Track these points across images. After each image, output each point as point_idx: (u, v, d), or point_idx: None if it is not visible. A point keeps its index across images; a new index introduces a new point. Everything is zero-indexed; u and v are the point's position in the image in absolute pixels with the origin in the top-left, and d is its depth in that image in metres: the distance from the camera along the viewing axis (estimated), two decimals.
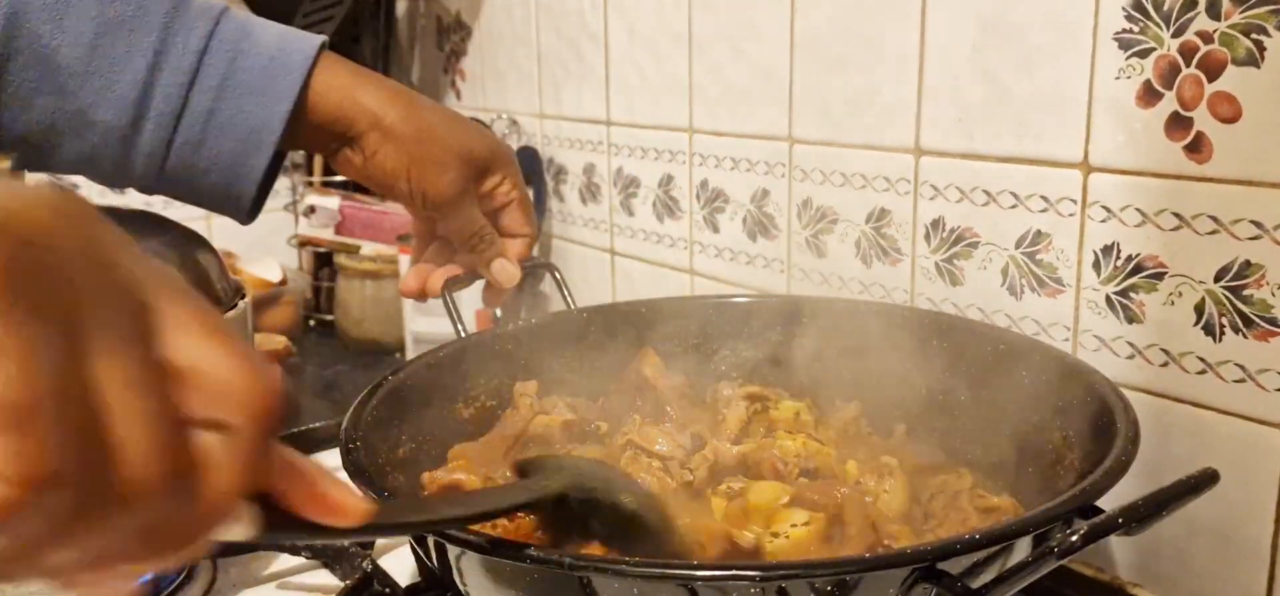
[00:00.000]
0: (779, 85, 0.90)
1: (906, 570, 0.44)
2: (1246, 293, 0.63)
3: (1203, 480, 0.48)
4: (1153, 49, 0.65)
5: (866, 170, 0.85)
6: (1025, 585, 0.45)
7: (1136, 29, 0.65)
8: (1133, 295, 0.69)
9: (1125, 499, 0.46)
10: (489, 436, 0.72)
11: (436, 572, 0.54)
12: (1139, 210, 0.67)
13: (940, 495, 0.63)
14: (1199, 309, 0.65)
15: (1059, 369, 0.65)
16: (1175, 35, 0.64)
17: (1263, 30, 0.59)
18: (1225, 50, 0.61)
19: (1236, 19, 0.60)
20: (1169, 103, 0.64)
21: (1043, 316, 0.74)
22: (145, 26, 0.61)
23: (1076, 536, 0.43)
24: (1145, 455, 0.53)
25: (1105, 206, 0.69)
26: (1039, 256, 0.73)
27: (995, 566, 0.46)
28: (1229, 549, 0.66)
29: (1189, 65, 0.63)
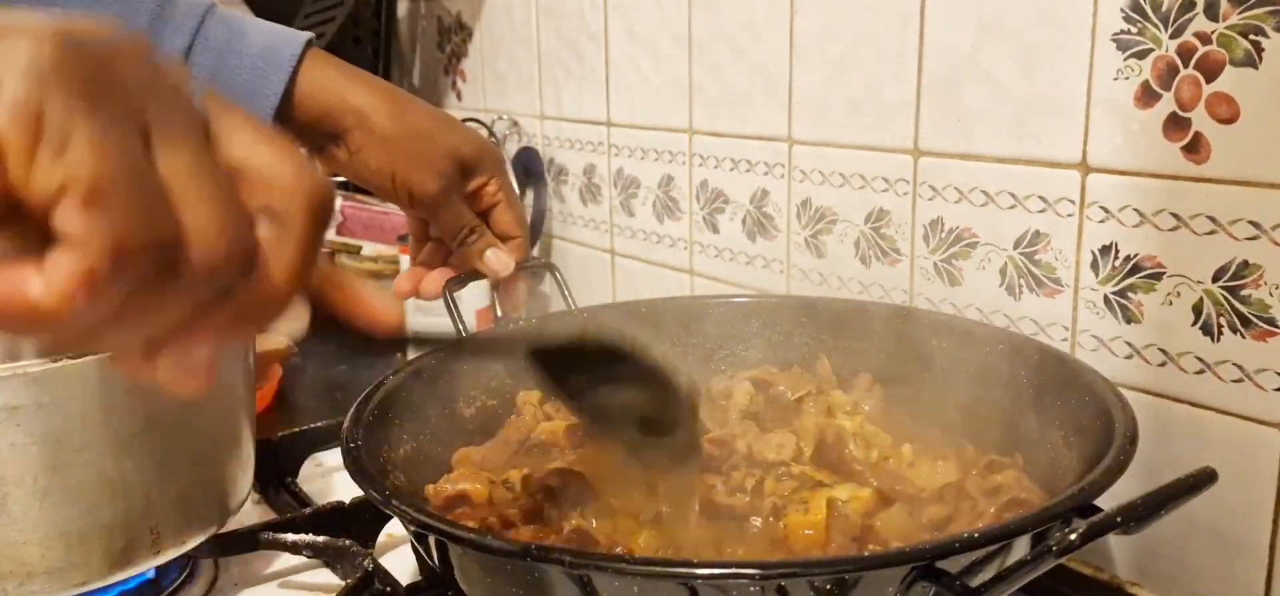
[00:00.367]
0: (778, 86, 0.90)
1: (905, 568, 0.44)
2: (1244, 293, 0.63)
3: (1201, 479, 0.48)
4: (1151, 50, 0.65)
5: (865, 170, 0.85)
6: (1024, 583, 0.45)
7: (1135, 30, 0.66)
8: (1131, 295, 0.69)
9: (1124, 498, 0.46)
10: (493, 442, 0.72)
11: (437, 571, 0.54)
12: (1137, 210, 0.67)
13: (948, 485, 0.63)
14: (1197, 309, 0.65)
15: (1058, 369, 0.65)
16: (1173, 36, 0.64)
17: (1260, 31, 0.60)
18: (1223, 51, 0.62)
19: (1234, 20, 0.61)
20: (1167, 103, 0.65)
21: (1041, 316, 0.74)
22: (131, 26, 0.61)
23: (1075, 535, 0.43)
24: (1143, 455, 0.53)
25: (1103, 207, 0.69)
26: (1037, 257, 0.74)
27: (994, 565, 0.46)
28: (1227, 548, 0.67)
29: (1187, 66, 0.63)
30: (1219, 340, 0.65)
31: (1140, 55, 0.66)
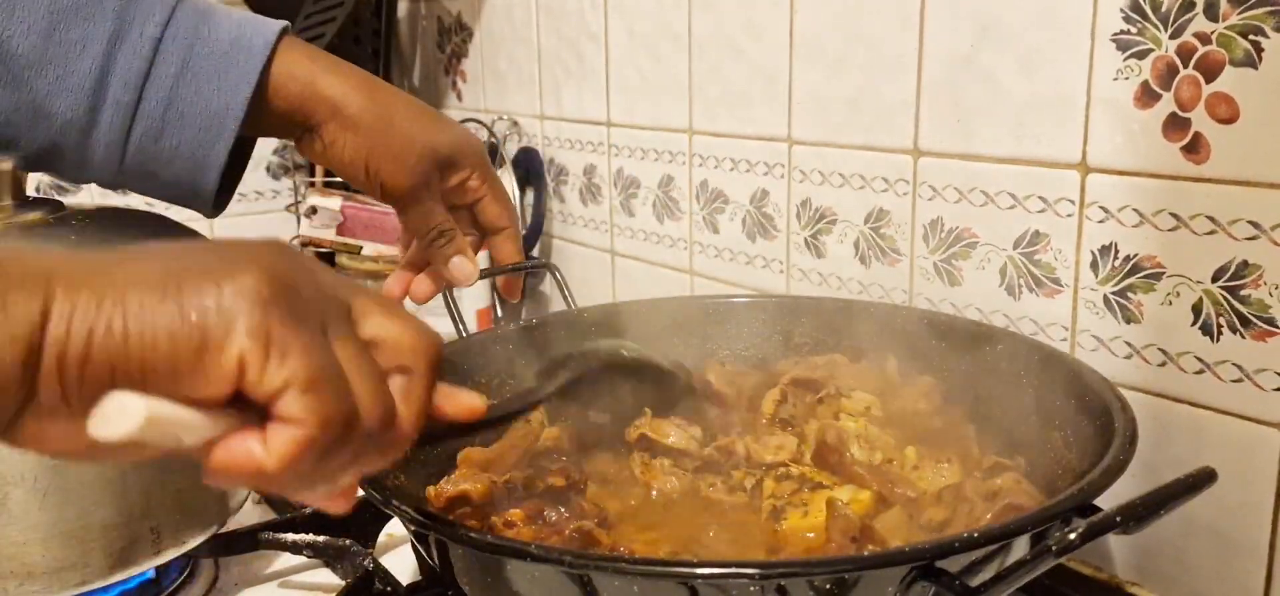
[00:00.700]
0: (778, 86, 0.91)
1: (905, 568, 0.44)
2: (1244, 293, 0.63)
3: (1200, 479, 0.48)
4: (1151, 50, 0.65)
5: (865, 171, 0.85)
6: (1024, 583, 0.45)
7: (1134, 30, 0.66)
8: (1131, 295, 0.69)
9: (1123, 498, 0.46)
10: (499, 445, 0.72)
11: (437, 571, 0.55)
12: (1137, 211, 0.67)
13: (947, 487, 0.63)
14: (1197, 309, 0.66)
15: (1057, 369, 0.65)
16: (1173, 36, 0.64)
17: (1260, 31, 0.60)
18: (1223, 51, 0.62)
19: (1234, 20, 0.61)
20: (1167, 103, 0.65)
21: (1041, 316, 0.74)
22: (100, 14, 0.59)
23: (1075, 534, 0.43)
24: (1143, 454, 0.54)
25: (1103, 207, 0.69)
26: (1037, 257, 0.74)
27: (994, 564, 0.47)
28: (1227, 547, 0.67)
29: (1187, 66, 0.63)
30: (1218, 340, 0.65)
31: (1140, 55, 0.66)
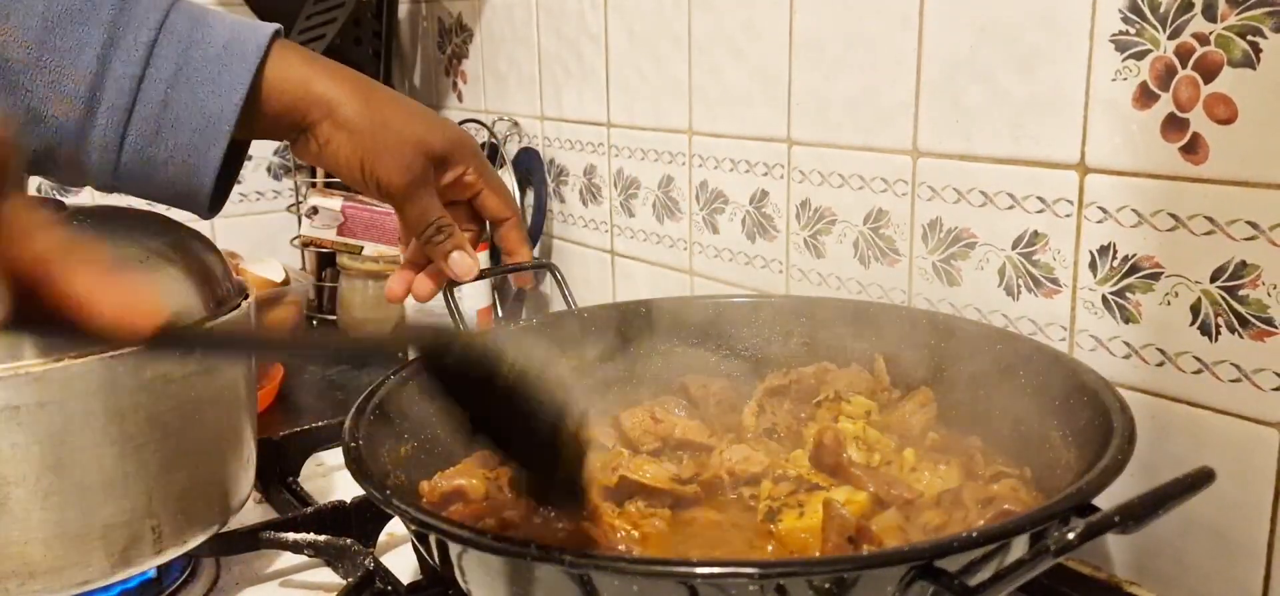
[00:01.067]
0: (778, 87, 0.91)
1: (904, 568, 0.44)
2: (1242, 293, 0.63)
3: (1199, 478, 0.48)
4: (1149, 51, 0.65)
5: (864, 171, 0.85)
6: (1023, 582, 0.45)
7: (1133, 31, 0.66)
8: (1129, 295, 0.69)
9: (1122, 497, 0.46)
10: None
11: (438, 570, 0.55)
12: (1135, 211, 0.68)
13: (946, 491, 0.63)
14: (1195, 309, 0.66)
15: (1056, 368, 0.66)
16: (1171, 37, 0.64)
17: (1258, 32, 0.60)
18: (1221, 52, 0.62)
19: (1233, 21, 0.61)
20: (1165, 104, 0.65)
21: (1039, 316, 0.75)
22: (94, 19, 0.59)
23: (1073, 534, 0.43)
24: (1142, 454, 0.54)
25: (1102, 207, 0.69)
26: (1036, 257, 0.74)
27: (993, 564, 0.47)
28: (1225, 547, 0.67)
29: (1185, 67, 0.64)
30: (1217, 340, 0.65)
31: (1138, 56, 0.66)
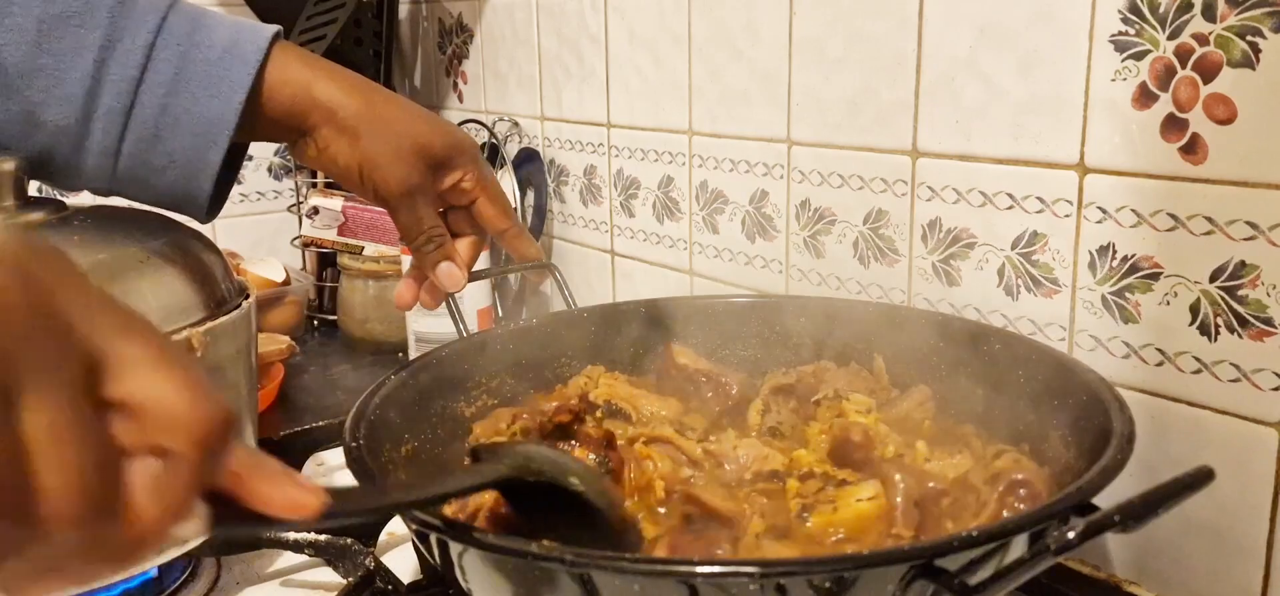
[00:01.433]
0: (777, 87, 0.91)
1: (904, 567, 0.45)
2: (1241, 293, 0.63)
3: (1198, 478, 0.48)
4: (1148, 51, 0.65)
5: (864, 171, 0.85)
6: (1023, 582, 0.45)
7: (1132, 31, 0.66)
8: (1128, 295, 0.69)
9: (1121, 497, 0.46)
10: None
11: (438, 570, 0.55)
12: (1135, 211, 0.68)
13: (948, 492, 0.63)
14: (1194, 309, 0.66)
15: (1055, 368, 0.66)
16: (1171, 37, 0.64)
17: (1258, 32, 0.60)
18: (1221, 52, 0.62)
19: (1232, 21, 0.61)
20: (1164, 104, 0.65)
21: (1039, 316, 0.75)
22: (91, 22, 0.59)
23: (1073, 533, 0.43)
24: (1141, 454, 0.54)
25: (1101, 207, 0.69)
26: (1035, 257, 0.74)
27: (992, 563, 0.47)
28: (1224, 546, 0.67)
29: (1185, 67, 0.64)
30: (1216, 340, 0.65)
31: (1138, 56, 0.66)
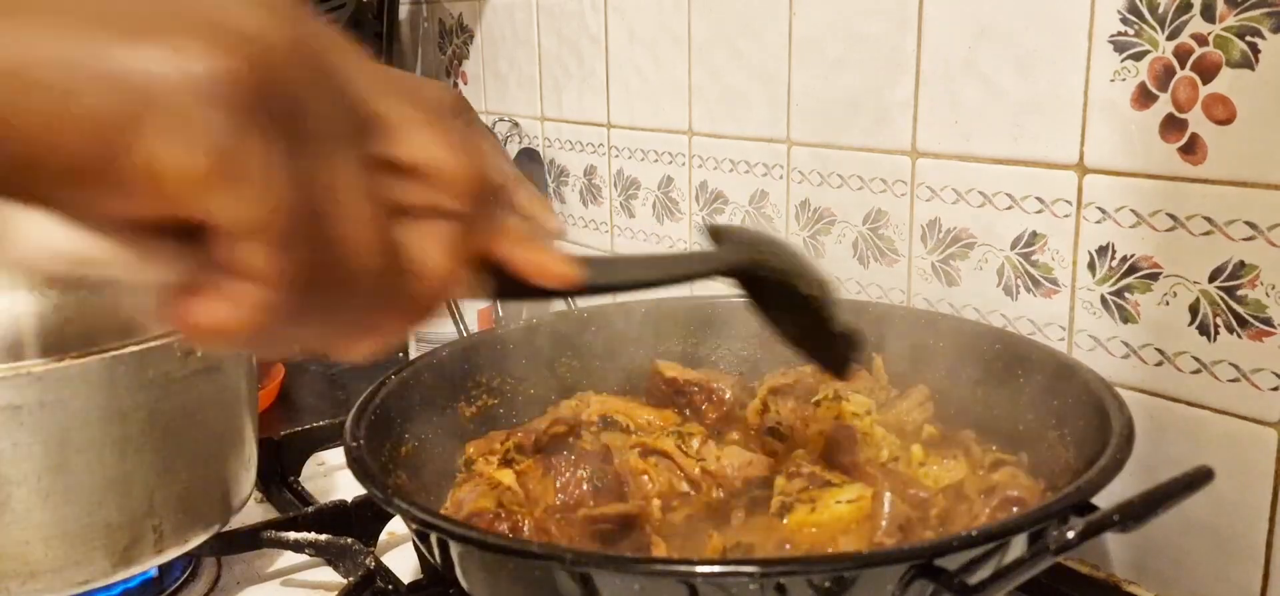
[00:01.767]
0: (777, 88, 0.91)
1: (904, 566, 0.45)
2: (1240, 293, 0.63)
3: (1198, 478, 0.48)
4: (1148, 51, 0.65)
5: (863, 172, 0.85)
6: (1022, 581, 0.45)
7: (1131, 32, 0.66)
8: (1128, 295, 0.69)
9: (1121, 497, 0.46)
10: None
11: (438, 570, 0.55)
12: (1134, 211, 0.68)
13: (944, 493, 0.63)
14: (1193, 309, 0.66)
15: (1055, 368, 0.66)
16: (1170, 38, 0.64)
17: (1257, 33, 0.60)
18: (1220, 52, 0.62)
19: (1231, 21, 0.61)
20: (1164, 105, 0.65)
21: (1038, 316, 0.75)
22: None
23: (1072, 533, 0.43)
24: (1140, 454, 0.54)
25: (1100, 207, 0.70)
26: (1035, 257, 0.74)
27: (992, 562, 0.47)
28: (1224, 546, 0.67)
29: (1184, 67, 0.64)
30: (1215, 340, 0.65)
31: (1137, 57, 0.66)
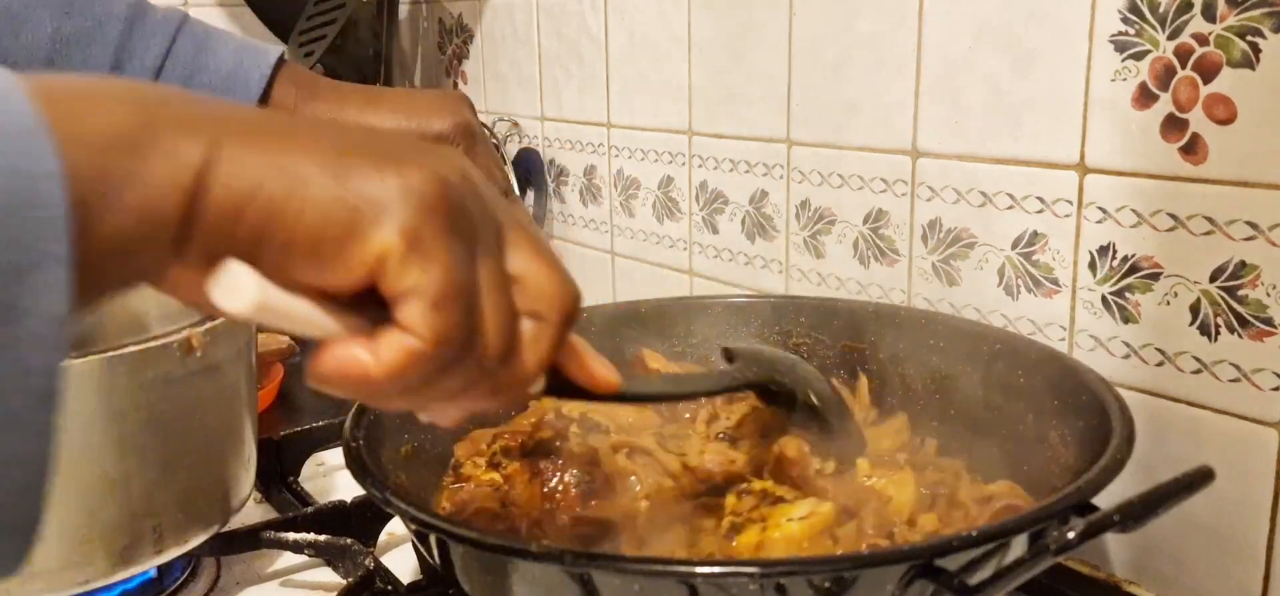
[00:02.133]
0: (777, 87, 0.91)
1: (904, 566, 0.45)
2: (1241, 293, 0.63)
3: (1198, 478, 0.48)
4: (1148, 51, 0.65)
5: (864, 172, 0.85)
6: (1022, 582, 0.45)
7: (1132, 31, 0.66)
8: (1128, 295, 0.69)
9: (1121, 497, 0.46)
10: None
11: (438, 570, 0.55)
12: (1135, 211, 0.68)
13: (940, 495, 0.63)
14: (1194, 309, 0.66)
15: (1055, 368, 0.66)
16: (1171, 38, 0.64)
17: (1258, 32, 0.60)
18: (1221, 52, 0.62)
19: (1232, 21, 0.61)
20: (1164, 104, 0.65)
21: (1039, 316, 0.75)
22: (101, 41, 0.60)
23: (1073, 533, 0.43)
24: (1141, 454, 0.54)
25: (1101, 207, 0.69)
26: (1035, 257, 0.74)
27: (992, 563, 0.47)
28: (1224, 546, 0.67)
29: (1184, 67, 0.64)
30: (1216, 340, 0.65)
31: (1138, 56, 0.66)
